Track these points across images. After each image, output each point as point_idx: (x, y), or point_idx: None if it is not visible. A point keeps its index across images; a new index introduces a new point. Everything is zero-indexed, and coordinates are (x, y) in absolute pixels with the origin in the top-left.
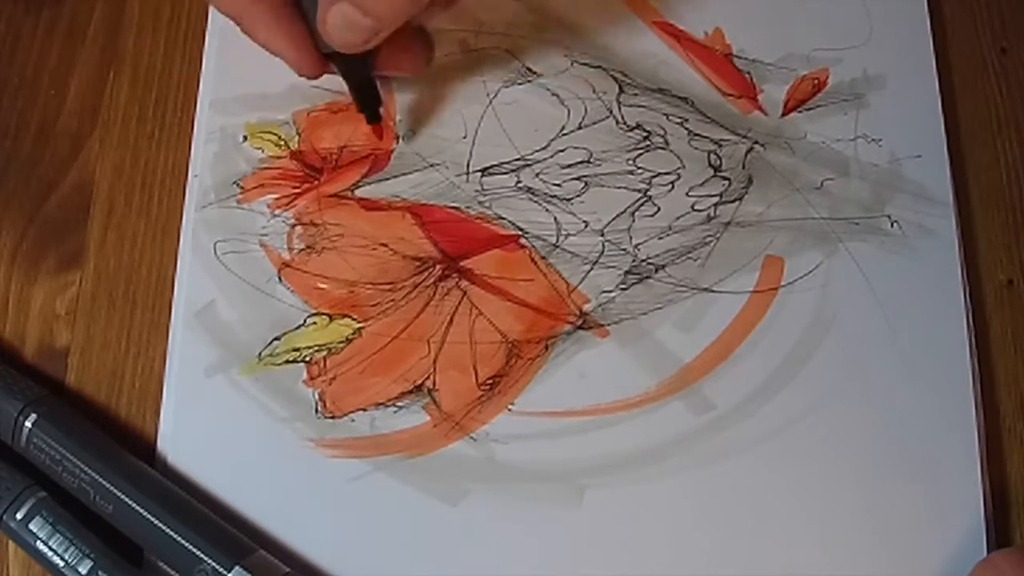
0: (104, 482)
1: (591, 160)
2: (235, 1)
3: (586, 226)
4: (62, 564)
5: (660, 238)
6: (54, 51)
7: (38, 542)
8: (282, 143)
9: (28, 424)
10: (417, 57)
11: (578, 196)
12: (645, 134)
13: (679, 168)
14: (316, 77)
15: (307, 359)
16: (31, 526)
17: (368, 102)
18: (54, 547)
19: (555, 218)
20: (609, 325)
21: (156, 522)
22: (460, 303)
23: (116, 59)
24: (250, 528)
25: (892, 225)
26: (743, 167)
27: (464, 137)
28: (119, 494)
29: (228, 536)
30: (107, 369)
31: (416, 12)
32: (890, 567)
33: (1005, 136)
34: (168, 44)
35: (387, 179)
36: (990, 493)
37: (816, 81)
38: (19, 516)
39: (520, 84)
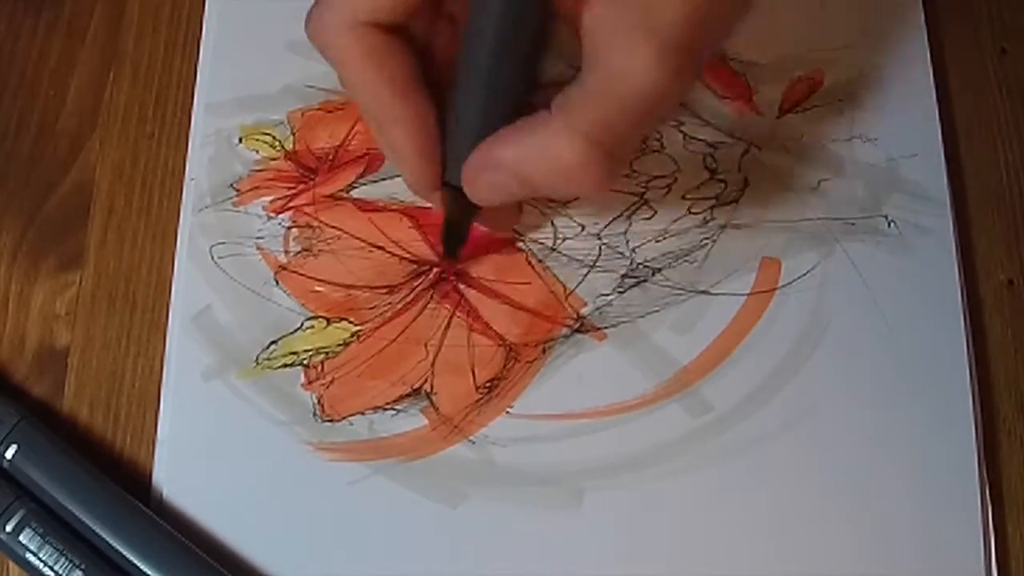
0: (88, 522)
1: None
2: (381, 97)
3: (583, 229)
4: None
5: (657, 241)
6: (54, 51)
7: (28, 554)
8: (277, 144)
9: (8, 455)
10: (511, 219)
11: (575, 200)
12: None
13: (675, 171)
14: (424, 197)
15: (304, 363)
16: (21, 538)
17: (456, 240)
18: (44, 559)
19: (552, 221)
20: (606, 328)
21: (143, 567)
22: (457, 306)
23: (116, 59)
24: (249, 532)
25: (889, 225)
26: (739, 169)
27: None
28: (104, 536)
29: None
30: (107, 369)
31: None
32: (888, 568)
33: (1005, 136)
34: (168, 44)
35: (383, 179)
36: (989, 494)
37: (812, 82)
38: (8, 528)
39: None
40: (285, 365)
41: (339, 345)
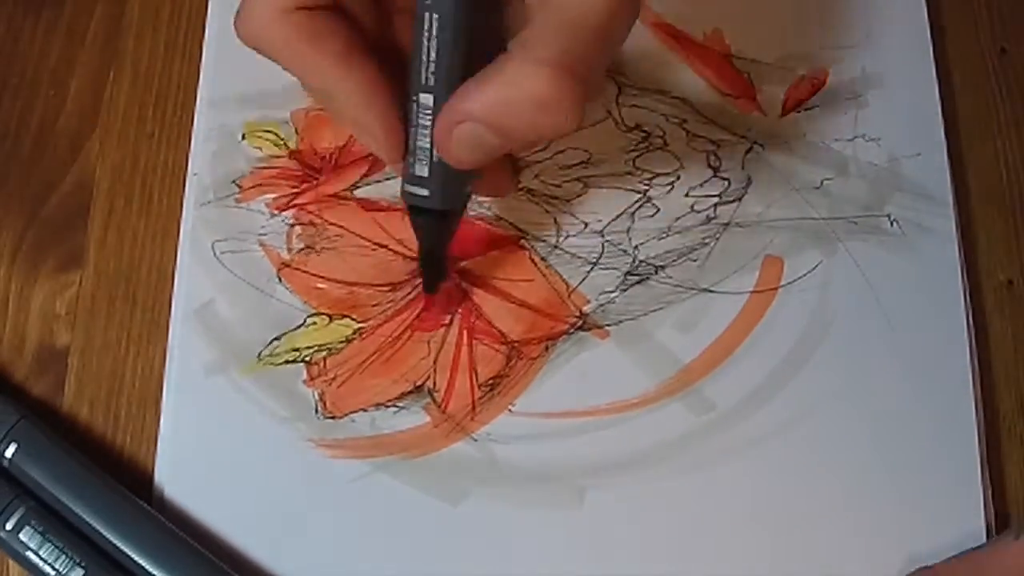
0: (88, 519)
1: (590, 161)
2: (325, 73)
3: (585, 227)
4: (53, 573)
5: (660, 239)
6: (54, 51)
7: (28, 552)
8: (281, 142)
9: (8, 454)
10: (508, 181)
11: (577, 197)
12: (644, 135)
13: (678, 169)
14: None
15: (307, 359)
16: (21, 536)
17: (436, 273)
18: (44, 556)
19: (555, 219)
20: (609, 326)
21: (143, 563)
22: (460, 304)
23: (116, 59)
24: (250, 529)
25: (892, 224)
26: (742, 167)
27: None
28: (105, 533)
29: None
30: (107, 369)
31: (550, 137)
32: (890, 567)
33: (1005, 136)
34: (168, 44)
35: (386, 180)
36: (991, 493)
37: (815, 81)
38: (8, 527)
39: None
40: (287, 361)
41: (341, 342)
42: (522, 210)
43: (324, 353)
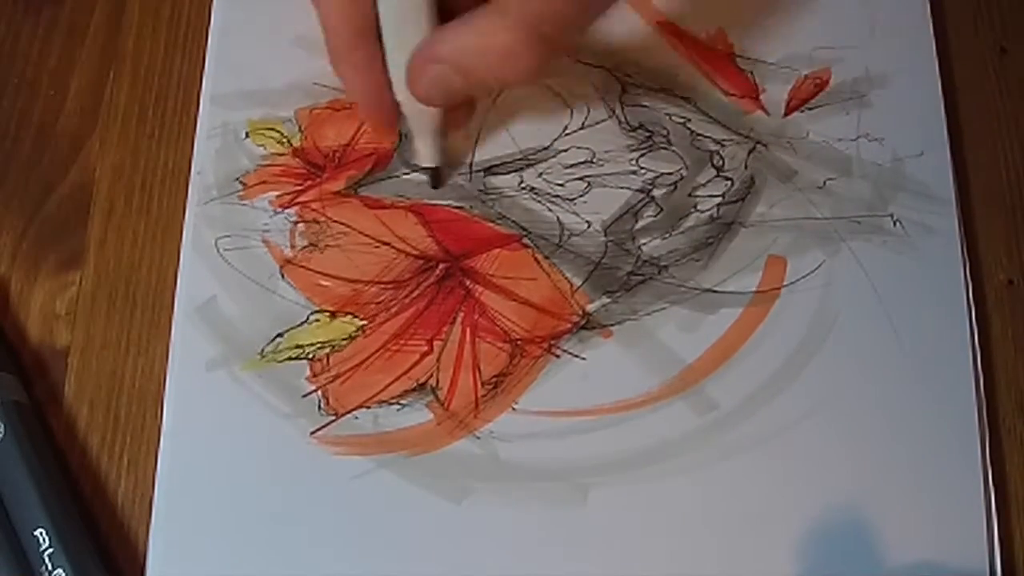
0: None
1: (594, 160)
2: (343, 40)
3: (589, 226)
4: None
5: (663, 239)
6: (54, 51)
7: None
8: (284, 140)
9: None
10: (464, 115)
11: (581, 196)
12: (648, 134)
13: (682, 169)
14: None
15: (310, 356)
16: None
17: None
18: None
19: (558, 218)
20: (612, 325)
21: None
22: (463, 302)
23: (116, 59)
24: (251, 525)
25: (895, 224)
26: (745, 167)
27: (467, 136)
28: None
29: None
30: (107, 369)
31: (510, 85)
32: (893, 567)
33: (1005, 136)
34: (168, 43)
35: (390, 177)
36: (991, 492)
37: (818, 81)
38: None
39: None
40: (290, 358)
41: (344, 339)
42: (525, 209)
43: (327, 350)
